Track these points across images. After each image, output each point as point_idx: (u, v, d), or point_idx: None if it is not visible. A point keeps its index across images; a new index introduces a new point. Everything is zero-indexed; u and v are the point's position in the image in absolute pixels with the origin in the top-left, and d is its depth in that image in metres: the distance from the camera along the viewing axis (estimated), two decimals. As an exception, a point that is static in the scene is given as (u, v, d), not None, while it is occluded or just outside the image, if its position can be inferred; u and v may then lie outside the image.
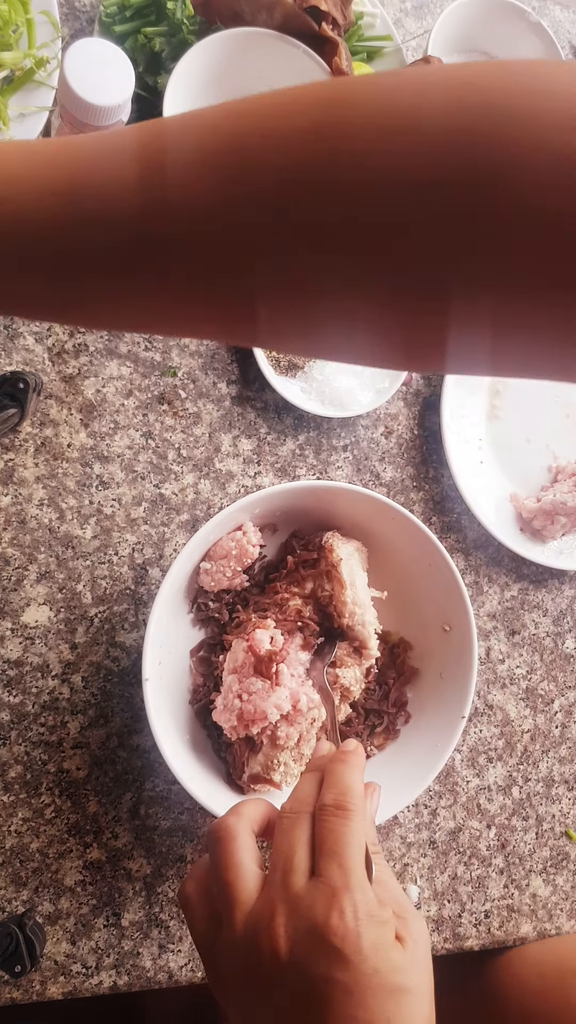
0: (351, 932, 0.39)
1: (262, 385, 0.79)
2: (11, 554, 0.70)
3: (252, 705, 0.62)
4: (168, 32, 0.73)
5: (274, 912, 0.41)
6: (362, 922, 0.39)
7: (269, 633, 0.64)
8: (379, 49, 0.85)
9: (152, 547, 0.74)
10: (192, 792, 0.61)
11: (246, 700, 0.62)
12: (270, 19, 0.73)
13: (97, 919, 0.68)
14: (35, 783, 0.68)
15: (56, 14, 0.72)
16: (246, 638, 0.64)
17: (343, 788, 0.45)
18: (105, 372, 0.75)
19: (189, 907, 0.45)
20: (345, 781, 0.46)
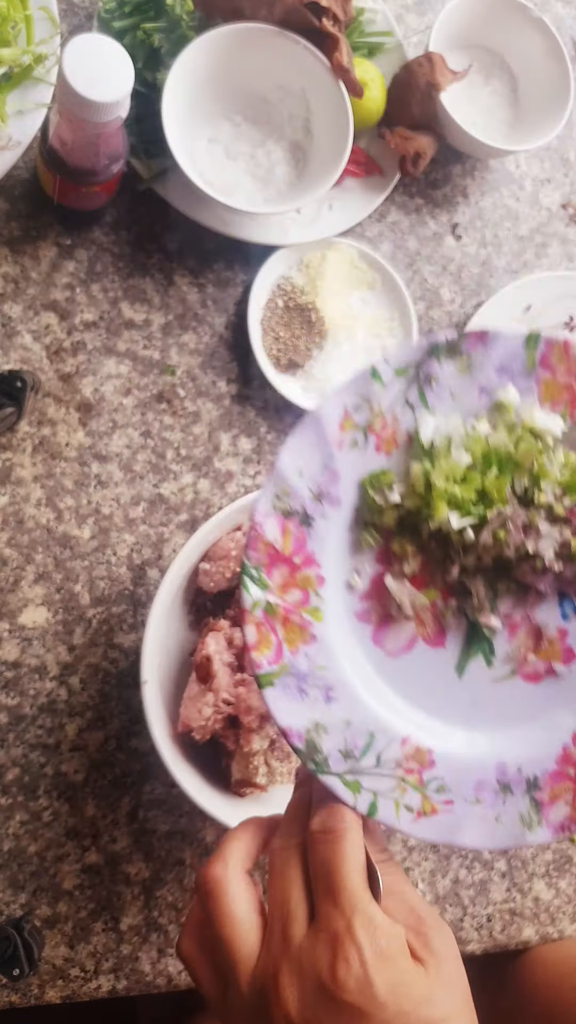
0: (362, 982, 0.36)
1: (262, 383, 0.78)
2: (8, 554, 0.69)
3: (186, 709, 0.61)
4: (167, 28, 0.72)
5: (278, 971, 0.37)
6: (371, 966, 0.36)
7: (225, 633, 0.64)
8: (380, 45, 0.84)
9: (151, 547, 0.73)
10: (191, 795, 0.61)
11: (185, 705, 0.62)
12: (270, 14, 0.72)
13: (95, 923, 0.67)
14: (33, 786, 0.67)
15: (55, 10, 0.71)
16: (201, 642, 0.63)
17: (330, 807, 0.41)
18: (103, 370, 0.74)
19: (190, 966, 0.42)
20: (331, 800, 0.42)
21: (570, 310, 0.87)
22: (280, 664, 0.44)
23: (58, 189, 0.68)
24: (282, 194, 0.76)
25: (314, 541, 0.44)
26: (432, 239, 0.87)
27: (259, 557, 0.43)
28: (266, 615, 0.44)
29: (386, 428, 0.44)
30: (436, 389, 0.44)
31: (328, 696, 0.44)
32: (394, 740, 0.45)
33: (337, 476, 0.44)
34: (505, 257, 0.90)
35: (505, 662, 0.46)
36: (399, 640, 0.46)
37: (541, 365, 0.44)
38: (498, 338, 0.44)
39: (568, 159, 0.94)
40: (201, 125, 0.76)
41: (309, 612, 0.44)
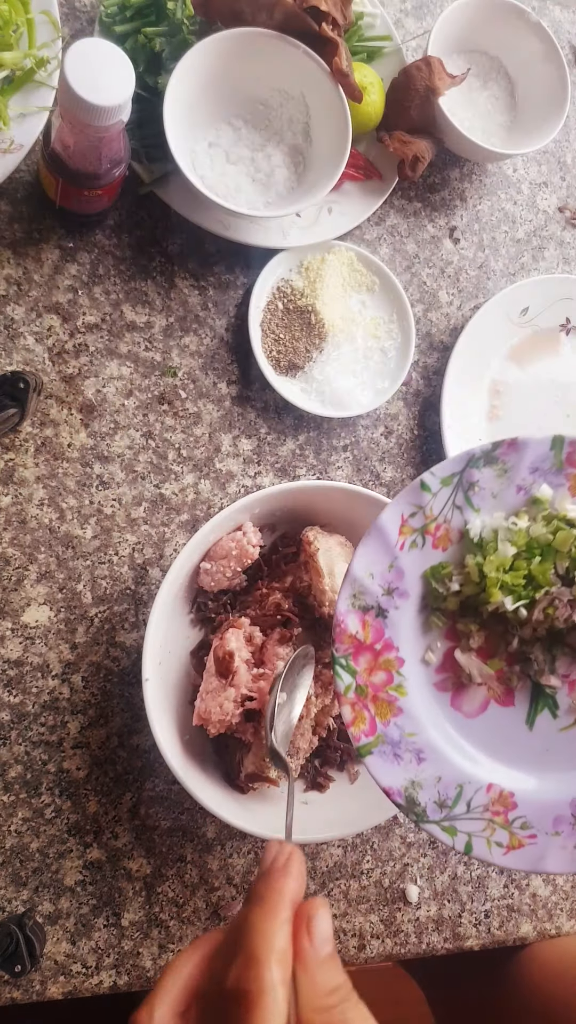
0: None
1: (262, 385, 0.79)
2: (11, 554, 0.70)
3: (205, 704, 0.63)
4: (168, 32, 0.73)
5: None
6: None
7: (245, 631, 0.65)
8: (379, 49, 0.85)
9: (152, 547, 0.74)
10: (192, 792, 0.61)
11: (203, 699, 0.63)
12: (270, 19, 0.73)
13: (97, 919, 0.68)
14: (35, 783, 0.68)
15: (56, 14, 0.72)
16: (219, 638, 0.64)
17: (248, 956, 0.35)
18: (105, 372, 0.75)
19: None
20: (251, 943, 0.35)
21: (567, 312, 0.88)
22: (375, 736, 0.52)
23: (60, 192, 0.69)
24: (282, 198, 0.77)
25: (390, 629, 0.53)
26: (430, 242, 0.88)
27: (345, 648, 0.52)
28: (358, 696, 0.52)
29: (440, 529, 0.52)
30: (479, 492, 0.52)
31: (419, 757, 0.52)
32: (480, 788, 0.52)
33: (403, 573, 0.52)
34: (502, 260, 0.90)
35: (568, 713, 0.54)
36: (474, 703, 0.54)
37: (568, 463, 0.52)
38: (528, 444, 0.51)
39: (565, 162, 0.95)
40: (202, 129, 0.76)
41: (394, 689, 0.53)
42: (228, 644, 0.63)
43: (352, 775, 0.71)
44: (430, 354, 0.86)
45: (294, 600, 0.68)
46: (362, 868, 0.75)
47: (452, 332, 0.87)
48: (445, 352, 0.86)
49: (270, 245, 0.78)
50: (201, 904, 0.70)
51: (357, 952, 0.74)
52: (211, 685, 0.63)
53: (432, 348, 0.86)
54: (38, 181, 0.74)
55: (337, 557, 0.68)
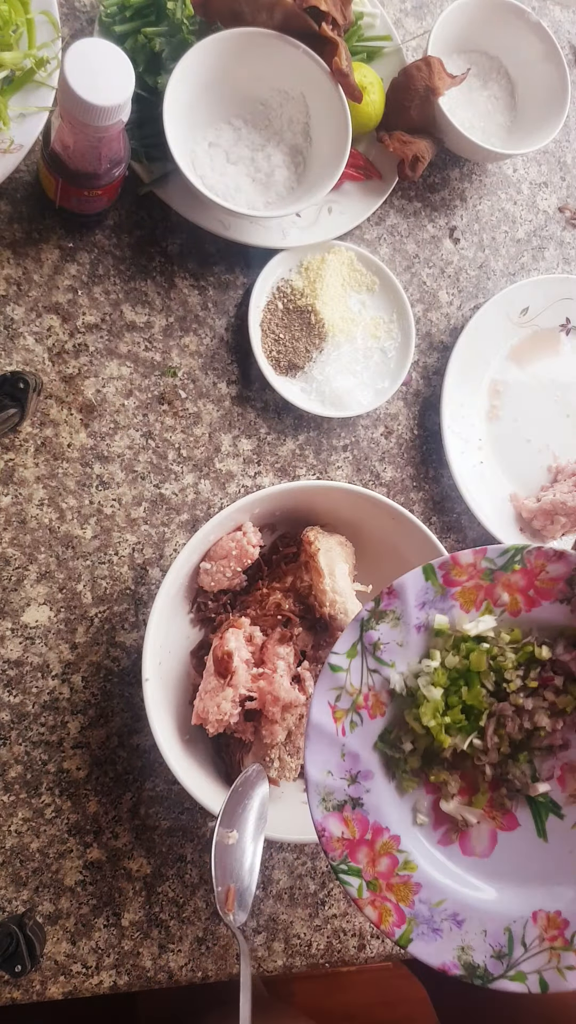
0: None
1: (262, 385, 0.79)
2: (11, 554, 0.70)
3: (203, 703, 0.63)
4: (168, 32, 0.73)
5: None
6: None
7: (245, 631, 0.65)
8: (379, 49, 0.85)
9: (152, 547, 0.74)
10: (192, 792, 0.61)
11: (202, 698, 0.63)
12: (270, 19, 0.73)
13: (97, 919, 0.68)
14: (35, 783, 0.68)
15: (56, 14, 0.72)
16: (219, 638, 0.64)
17: None
18: (105, 372, 0.75)
19: None
20: None
21: (567, 312, 0.88)
22: (407, 922, 0.50)
23: (60, 192, 0.69)
24: (282, 198, 0.77)
25: (372, 814, 0.52)
26: (430, 242, 0.88)
27: (339, 853, 0.51)
28: (373, 892, 0.50)
29: (368, 698, 0.52)
30: (384, 648, 0.51)
31: (457, 921, 0.51)
32: (526, 921, 0.51)
33: (357, 756, 0.52)
34: (502, 260, 0.90)
35: (571, 807, 0.53)
36: (483, 841, 0.53)
37: (447, 584, 0.51)
38: (404, 584, 0.51)
39: (565, 162, 0.95)
40: (202, 129, 0.76)
41: (403, 869, 0.51)
42: (227, 644, 0.63)
43: None
44: (430, 354, 0.86)
45: (294, 600, 0.68)
46: (362, 868, 0.75)
47: (452, 332, 0.87)
48: (445, 352, 0.86)
49: (270, 245, 0.78)
50: (201, 904, 0.70)
51: (357, 952, 0.74)
52: (210, 684, 0.63)
53: (432, 348, 0.86)
54: (38, 181, 0.74)
55: (337, 557, 0.68)
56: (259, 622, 0.67)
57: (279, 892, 0.72)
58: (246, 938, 0.51)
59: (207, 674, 0.64)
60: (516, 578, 0.51)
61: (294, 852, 0.73)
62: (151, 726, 0.61)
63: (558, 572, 0.51)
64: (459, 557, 0.51)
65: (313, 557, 0.66)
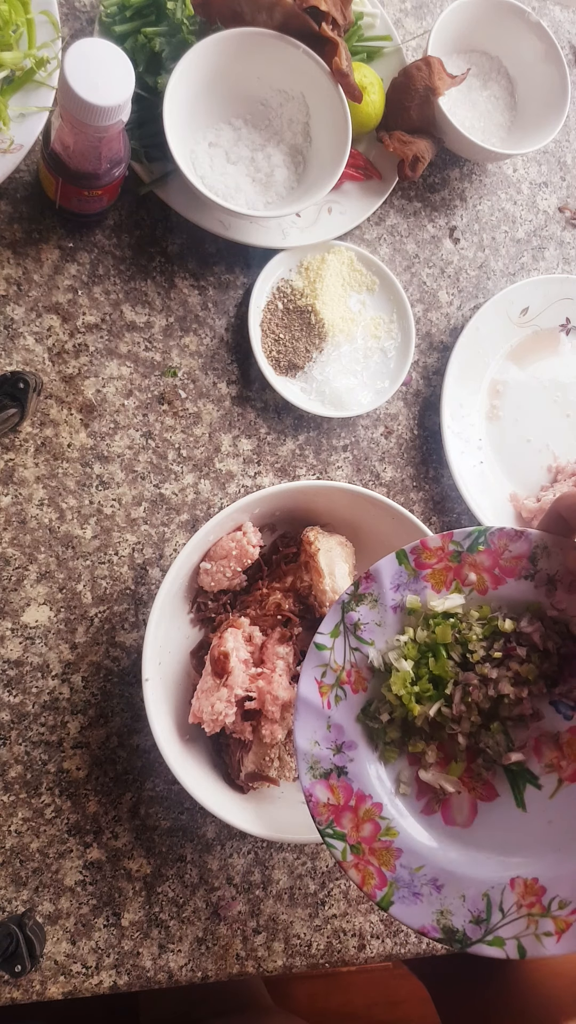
0: None
1: (262, 385, 0.79)
2: (11, 554, 0.70)
3: (199, 702, 0.63)
4: (168, 32, 0.73)
5: None
6: None
7: (244, 631, 0.65)
8: (379, 49, 0.85)
9: (152, 547, 0.74)
10: (192, 792, 0.61)
11: (198, 697, 0.64)
12: (270, 19, 0.73)
13: (97, 919, 0.68)
14: (35, 783, 0.68)
15: (56, 14, 0.72)
16: (218, 638, 0.64)
17: None
18: (105, 372, 0.75)
19: None
20: None
21: (567, 312, 0.88)
22: (388, 885, 0.52)
23: (60, 192, 0.69)
24: (282, 198, 0.77)
25: (356, 782, 0.54)
26: (430, 242, 0.88)
27: (325, 817, 0.53)
28: (356, 855, 0.53)
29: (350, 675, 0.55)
30: (364, 628, 0.55)
31: (436, 886, 0.52)
32: (504, 889, 0.52)
33: (341, 727, 0.55)
34: (502, 260, 0.90)
35: (548, 777, 0.54)
36: (464, 811, 0.55)
37: (418, 567, 0.54)
38: (380, 568, 0.54)
39: (565, 162, 0.95)
40: (202, 129, 0.76)
41: (385, 834, 0.53)
42: (225, 644, 0.63)
43: None
44: (430, 354, 0.86)
45: (294, 600, 0.68)
46: (362, 868, 0.75)
47: (452, 332, 0.87)
48: (445, 352, 0.86)
49: (270, 245, 0.78)
50: (201, 904, 0.70)
51: (357, 952, 0.74)
52: (207, 684, 0.63)
53: (432, 348, 0.86)
54: (38, 181, 0.74)
55: (337, 557, 0.68)
56: (259, 622, 0.67)
57: (279, 892, 0.72)
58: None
59: (205, 673, 0.64)
60: (482, 558, 0.54)
61: (294, 852, 0.73)
62: (151, 726, 0.61)
63: (520, 550, 0.54)
64: (428, 542, 0.54)
65: (313, 557, 0.66)
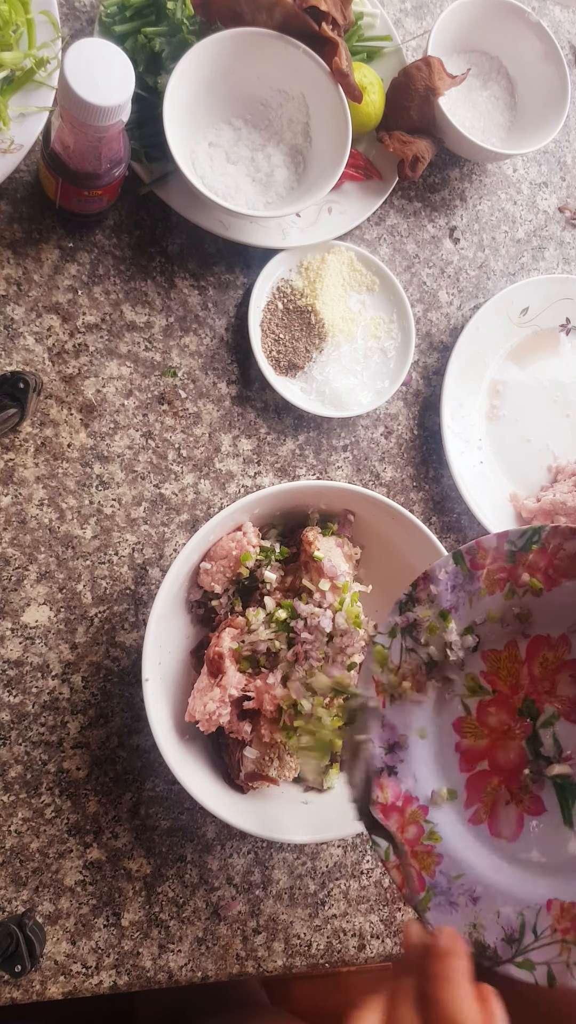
0: None
1: (262, 385, 0.79)
2: (11, 554, 0.70)
3: (194, 702, 0.63)
4: (168, 32, 0.73)
5: None
6: None
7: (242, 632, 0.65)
8: (379, 49, 0.85)
9: (152, 547, 0.74)
10: (192, 792, 0.61)
11: (194, 696, 0.64)
12: (270, 19, 0.73)
13: (97, 919, 0.68)
14: (35, 783, 0.68)
15: (56, 14, 0.72)
16: (216, 637, 0.64)
17: None
18: (105, 372, 0.75)
19: None
20: (454, 1018, 0.40)
21: (567, 312, 0.88)
22: (426, 890, 0.51)
23: (60, 192, 0.69)
24: (282, 198, 0.77)
25: (404, 782, 0.54)
26: (430, 242, 0.88)
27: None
28: (398, 856, 0.52)
29: (406, 674, 0.55)
30: (419, 629, 0.55)
31: (473, 897, 0.51)
32: (540, 910, 0.50)
33: (394, 728, 0.54)
34: (502, 260, 0.90)
35: None
36: (511, 824, 0.53)
37: (472, 567, 0.54)
38: (436, 570, 0.54)
39: (565, 162, 0.95)
40: (202, 129, 0.76)
41: (428, 838, 0.53)
42: (221, 644, 0.63)
43: None
44: (430, 354, 0.86)
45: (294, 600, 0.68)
46: (362, 868, 0.75)
47: (452, 332, 0.87)
48: (445, 352, 0.86)
49: (270, 245, 0.78)
50: (201, 904, 0.70)
51: (357, 952, 0.74)
52: (202, 683, 0.63)
53: (432, 348, 0.86)
54: (38, 181, 0.74)
55: (337, 558, 0.68)
56: None
57: (279, 892, 0.72)
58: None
59: (202, 673, 0.64)
60: (535, 558, 0.52)
61: (294, 852, 0.73)
62: (151, 726, 0.61)
63: (575, 549, 0.52)
64: (483, 541, 0.53)
65: (313, 557, 0.66)
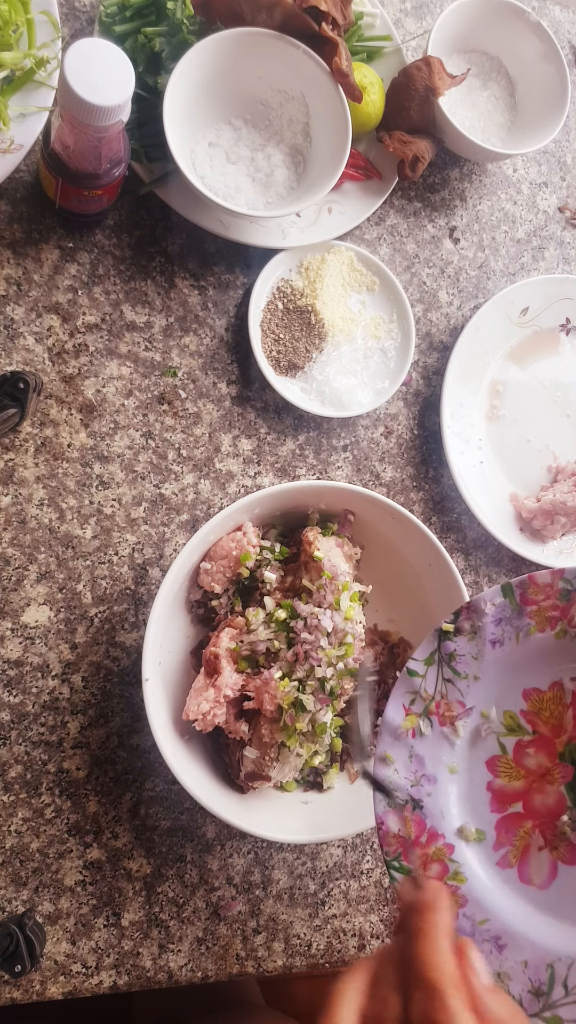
0: None
1: (262, 385, 0.79)
2: (11, 554, 0.70)
3: (190, 701, 0.63)
4: (168, 32, 0.73)
5: None
6: None
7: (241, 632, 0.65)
8: (379, 49, 0.85)
9: (152, 547, 0.74)
10: (192, 792, 0.61)
11: (191, 696, 0.64)
12: (270, 19, 0.73)
13: (97, 919, 0.68)
14: (35, 783, 0.68)
15: (56, 14, 0.72)
16: (215, 637, 0.64)
17: (428, 987, 0.37)
18: (105, 372, 0.75)
19: None
20: (428, 976, 0.38)
21: (567, 312, 0.88)
22: None
23: (60, 192, 0.69)
24: (282, 198, 0.77)
25: (430, 818, 0.51)
26: (430, 242, 0.88)
27: (393, 849, 0.50)
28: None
29: (439, 705, 0.53)
30: (460, 660, 0.52)
31: (498, 945, 0.49)
32: (572, 964, 0.48)
33: (423, 760, 0.52)
34: (502, 260, 0.90)
35: None
36: (543, 871, 0.51)
37: (523, 602, 0.52)
38: (482, 600, 0.52)
39: (565, 162, 0.95)
40: (202, 129, 0.76)
41: (452, 879, 0.50)
42: (219, 644, 0.63)
43: (352, 775, 0.71)
44: (430, 354, 0.86)
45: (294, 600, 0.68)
46: (362, 868, 0.75)
47: (452, 332, 0.87)
48: (445, 352, 0.86)
49: (270, 245, 0.78)
50: (201, 904, 0.70)
51: (357, 952, 0.74)
52: (199, 683, 0.64)
53: (432, 348, 0.86)
54: (38, 181, 0.74)
55: (337, 558, 0.68)
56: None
57: (279, 892, 0.72)
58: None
59: (201, 672, 0.65)
60: None
61: (294, 852, 0.73)
62: (151, 726, 0.61)
63: None
64: (536, 577, 0.52)
65: (313, 557, 0.66)
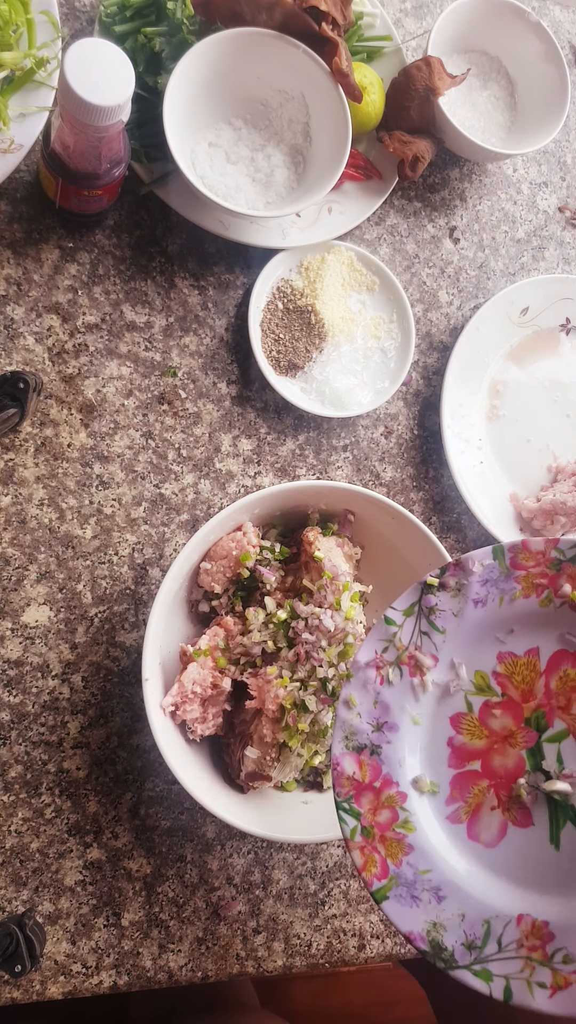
0: None
1: (262, 385, 0.79)
2: (11, 554, 0.70)
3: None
4: (168, 32, 0.73)
5: None
6: None
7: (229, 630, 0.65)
8: (379, 49, 0.85)
9: (152, 547, 0.74)
10: (192, 792, 0.61)
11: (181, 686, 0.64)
12: (270, 19, 0.73)
13: (97, 919, 0.68)
14: (35, 783, 0.68)
15: (56, 14, 0.72)
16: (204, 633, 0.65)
17: None
18: (105, 372, 0.75)
19: None
20: None
21: (567, 312, 0.88)
22: (388, 878, 0.49)
23: (60, 192, 0.69)
24: (282, 198, 0.77)
25: (387, 765, 0.52)
26: (430, 242, 0.88)
27: (346, 791, 0.51)
28: (365, 838, 0.50)
29: (412, 657, 0.53)
30: (439, 615, 0.52)
31: (438, 896, 0.49)
32: (509, 922, 0.49)
33: (388, 708, 0.52)
34: (502, 260, 0.90)
35: None
36: (492, 830, 0.51)
37: (513, 566, 0.52)
38: (472, 559, 0.51)
39: (565, 162, 0.95)
40: (202, 129, 0.76)
41: (401, 826, 0.51)
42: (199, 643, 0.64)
43: None
44: (430, 354, 0.86)
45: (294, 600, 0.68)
46: (362, 868, 0.75)
47: (452, 332, 0.87)
48: (445, 352, 0.86)
49: (270, 245, 0.78)
50: (201, 904, 0.70)
51: (357, 952, 0.74)
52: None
53: (432, 348, 0.86)
54: (38, 181, 0.74)
55: (337, 558, 0.68)
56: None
57: (279, 892, 0.72)
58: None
59: None
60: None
61: (294, 852, 0.73)
62: (151, 726, 0.61)
63: None
64: (530, 543, 0.52)
65: (313, 557, 0.66)
